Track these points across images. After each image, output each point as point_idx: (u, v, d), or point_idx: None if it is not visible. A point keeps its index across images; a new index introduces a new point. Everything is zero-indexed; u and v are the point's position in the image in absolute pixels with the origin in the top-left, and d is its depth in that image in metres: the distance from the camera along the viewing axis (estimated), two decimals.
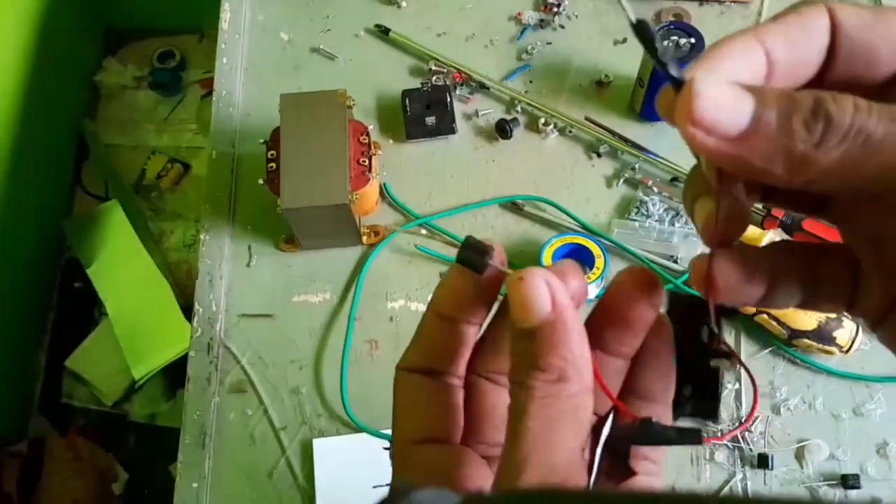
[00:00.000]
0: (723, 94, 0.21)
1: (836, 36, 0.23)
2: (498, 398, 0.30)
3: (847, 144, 0.20)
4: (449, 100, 0.83)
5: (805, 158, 0.21)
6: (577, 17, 0.89)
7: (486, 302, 0.29)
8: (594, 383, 0.25)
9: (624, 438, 0.27)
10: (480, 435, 0.30)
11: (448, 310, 0.29)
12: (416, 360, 0.29)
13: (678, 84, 0.22)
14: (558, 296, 0.25)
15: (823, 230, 0.72)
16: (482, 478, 0.29)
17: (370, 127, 0.76)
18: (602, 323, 0.28)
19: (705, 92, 0.21)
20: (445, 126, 0.83)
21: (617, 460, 0.26)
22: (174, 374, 1.41)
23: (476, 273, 0.28)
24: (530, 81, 0.86)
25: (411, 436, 0.29)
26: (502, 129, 0.82)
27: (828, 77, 0.24)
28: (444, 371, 0.29)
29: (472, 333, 0.30)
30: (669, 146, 0.81)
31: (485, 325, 0.30)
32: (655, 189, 0.79)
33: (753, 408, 0.71)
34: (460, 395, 0.30)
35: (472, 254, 0.27)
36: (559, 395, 0.24)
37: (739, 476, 0.69)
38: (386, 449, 0.73)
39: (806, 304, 0.27)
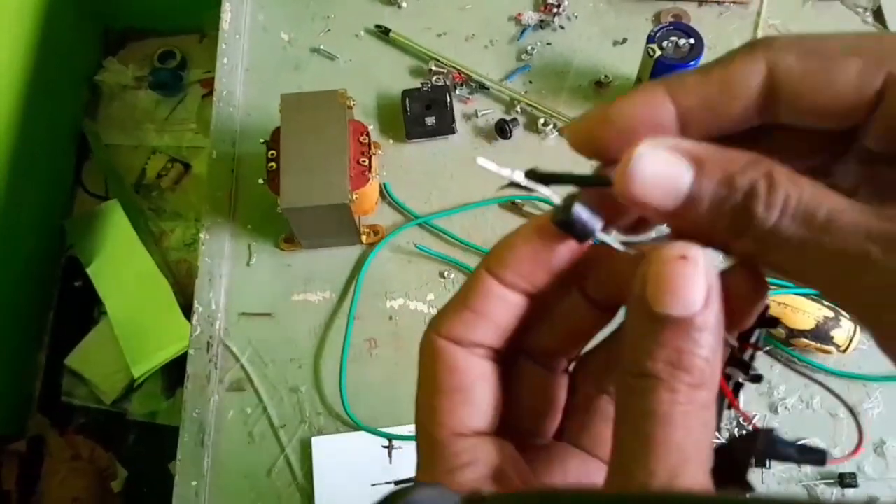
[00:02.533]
0: (661, 167, 0.21)
1: (776, 89, 0.22)
2: (543, 383, 0.27)
3: (760, 245, 0.20)
4: (449, 100, 0.83)
5: (716, 241, 0.21)
6: (576, 17, 0.89)
7: (566, 274, 0.24)
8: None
9: (743, 451, 0.23)
10: (518, 422, 0.27)
11: (519, 280, 0.24)
12: (467, 331, 0.24)
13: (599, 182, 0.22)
14: (715, 288, 0.21)
15: None
16: (535, 474, 0.26)
17: (370, 127, 0.77)
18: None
19: (641, 166, 0.21)
20: (445, 126, 0.83)
21: (734, 475, 0.22)
22: (173, 373, 1.41)
23: (576, 240, 0.23)
24: (530, 82, 0.87)
25: (454, 424, 0.24)
26: (502, 130, 0.83)
27: (772, 120, 0.22)
28: (496, 348, 0.25)
29: (531, 310, 0.25)
30: None
31: None
32: None
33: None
34: (500, 376, 0.26)
35: (587, 216, 0.22)
36: (697, 402, 0.20)
37: None
38: (385, 447, 0.74)
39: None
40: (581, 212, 0.22)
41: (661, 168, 0.21)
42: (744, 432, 0.23)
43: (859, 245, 0.19)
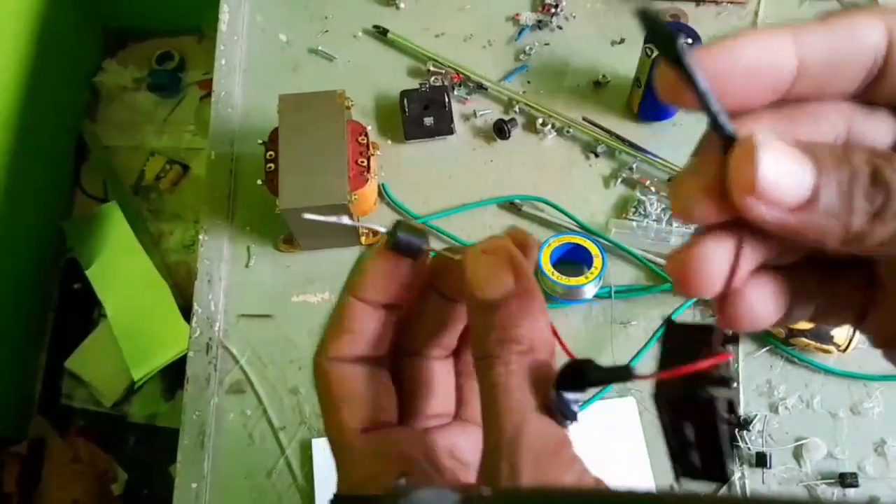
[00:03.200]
0: (784, 162, 0.19)
1: (891, 54, 0.21)
2: (424, 371, 0.31)
3: None
4: (447, 100, 0.83)
5: (862, 232, 0.19)
6: (574, 17, 0.89)
7: (417, 285, 0.29)
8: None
9: (567, 379, 0.25)
10: (414, 410, 0.31)
11: (378, 297, 0.28)
12: (346, 349, 0.28)
13: (726, 137, 0.20)
14: (523, 266, 0.25)
15: None
16: (449, 450, 0.30)
17: (368, 127, 0.76)
18: None
19: (767, 160, 0.19)
20: (444, 126, 0.83)
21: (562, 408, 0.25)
22: (173, 375, 1.41)
23: (411, 258, 0.27)
24: (528, 82, 0.87)
25: (356, 426, 0.28)
26: (500, 130, 0.82)
27: (872, 94, 0.22)
28: (377, 356, 0.29)
29: (398, 316, 0.29)
30: (666, 146, 0.81)
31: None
32: (653, 189, 0.79)
33: None
34: (388, 376, 0.30)
35: (409, 239, 0.27)
36: (531, 365, 0.24)
37: (738, 475, 0.69)
38: None
39: (815, 319, 0.25)
40: (403, 238, 0.27)
41: (787, 161, 0.19)
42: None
43: None
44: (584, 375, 0.25)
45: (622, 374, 0.25)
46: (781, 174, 0.19)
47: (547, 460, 0.22)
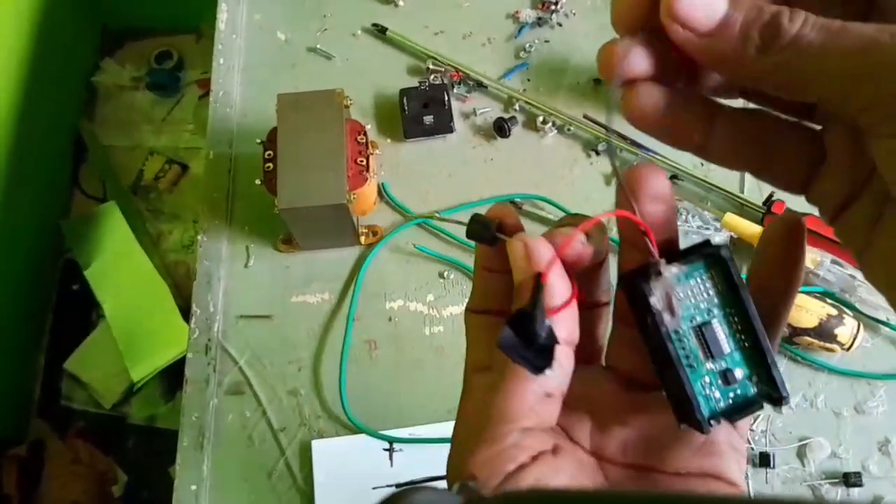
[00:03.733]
0: None
1: None
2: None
3: (785, 54, 0.23)
4: (447, 98, 0.83)
5: (744, 61, 0.24)
6: (574, 14, 0.89)
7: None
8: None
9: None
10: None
11: (487, 264, 0.31)
12: (474, 303, 0.32)
13: None
14: (536, 256, 0.27)
15: (823, 227, 0.72)
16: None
17: (368, 126, 0.76)
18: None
19: None
20: (443, 125, 0.82)
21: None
22: (173, 376, 1.41)
23: (490, 244, 0.30)
24: (528, 80, 0.86)
25: (471, 366, 0.31)
26: (500, 128, 0.82)
27: None
28: (502, 310, 0.31)
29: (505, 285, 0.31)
30: None
31: None
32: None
33: None
34: None
35: (479, 230, 0.30)
36: None
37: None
38: (386, 450, 0.73)
39: (756, 169, 0.28)
40: (470, 232, 0.30)
41: None
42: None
43: (870, 35, 0.22)
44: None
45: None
46: (697, 3, 0.24)
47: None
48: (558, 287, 0.27)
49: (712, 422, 0.27)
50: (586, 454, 0.29)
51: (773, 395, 0.27)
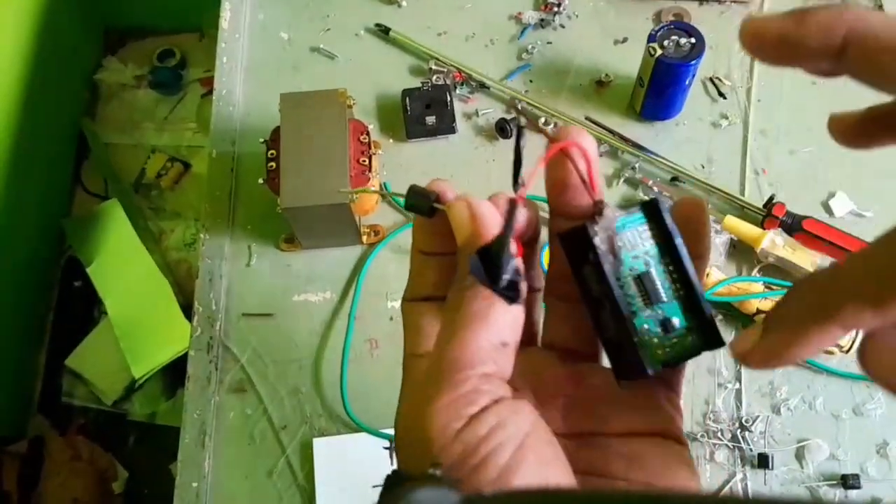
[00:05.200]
0: None
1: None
2: (569, 316, 0.33)
3: None
4: (449, 99, 0.83)
5: None
6: (577, 16, 0.89)
7: (447, 234, 0.31)
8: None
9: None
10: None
11: (423, 246, 0.32)
12: (412, 291, 0.33)
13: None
14: (482, 218, 0.29)
15: (824, 230, 0.72)
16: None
17: (370, 126, 0.76)
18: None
19: None
20: (445, 125, 0.83)
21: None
22: (174, 374, 1.41)
23: (426, 216, 0.30)
24: (530, 81, 0.86)
25: (409, 352, 0.31)
26: (502, 129, 0.82)
27: None
28: (438, 296, 0.32)
29: (450, 260, 0.32)
30: (669, 146, 0.81)
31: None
32: (655, 188, 0.79)
33: None
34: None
35: (418, 201, 0.31)
36: (473, 296, 0.27)
37: (739, 476, 0.69)
38: (386, 448, 0.73)
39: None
40: (410, 202, 0.31)
41: None
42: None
43: None
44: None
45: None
46: None
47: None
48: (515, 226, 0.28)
49: (654, 368, 0.27)
50: None
51: (712, 340, 0.28)
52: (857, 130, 0.28)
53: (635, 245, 0.28)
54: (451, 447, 0.24)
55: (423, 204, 0.30)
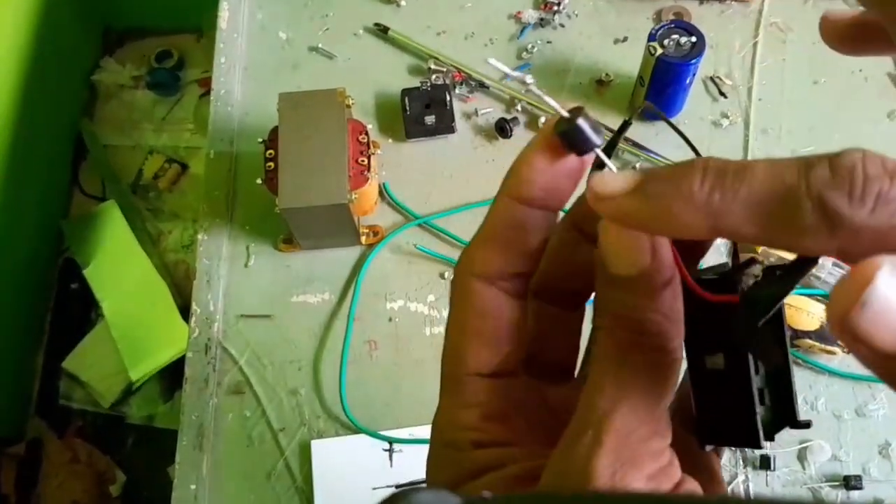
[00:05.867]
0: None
1: None
2: (566, 322, 0.28)
3: None
4: (448, 99, 0.83)
5: None
6: (577, 15, 0.89)
7: (573, 187, 0.25)
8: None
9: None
10: (538, 356, 0.28)
11: (533, 192, 0.24)
12: (494, 260, 0.25)
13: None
14: (660, 245, 0.22)
15: None
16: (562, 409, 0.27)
17: (369, 126, 0.76)
18: None
19: (877, 299, 0.17)
20: (445, 125, 0.82)
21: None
22: (172, 376, 1.40)
23: (575, 152, 0.24)
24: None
25: (476, 367, 0.25)
26: (502, 129, 0.82)
27: None
28: (527, 272, 0.25)
29: (548, 231, 0.26)
30: (670, 145, 0.80)
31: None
32: None
33: None
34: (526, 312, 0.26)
35: (586, 131, 0.23)
36: (653, 350, 0.22)
37: (741, 477, 0.69)
38: (386, 450, 0.73)
39: None
40: (584, 124, 0.23)
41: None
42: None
43: None
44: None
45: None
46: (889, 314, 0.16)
47: (630, 450, 0.21)
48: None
49: (766, 440, 0.25)
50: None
51: (797, 420, 0.25)
52: (845, 34, 0.27)
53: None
54: None
55: (580, 143, 0.23)
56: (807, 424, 0.25)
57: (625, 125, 0.26)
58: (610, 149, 0.24)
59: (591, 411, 0.22)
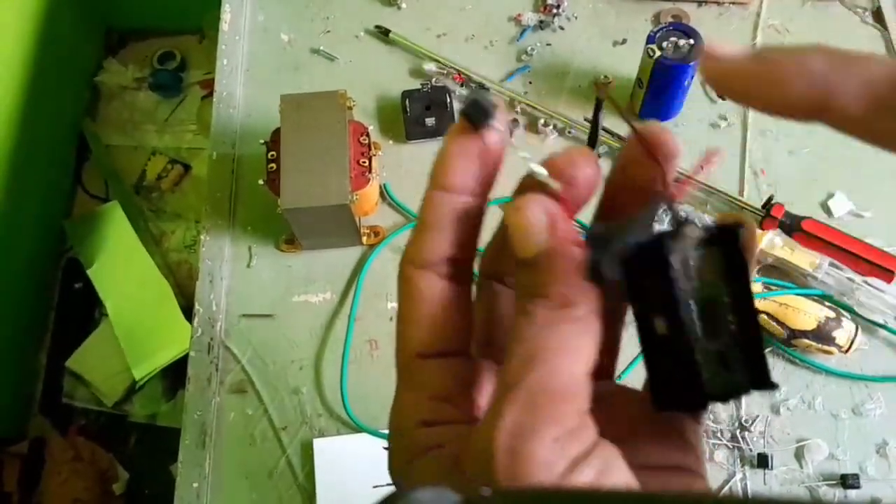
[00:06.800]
0: None
1: None
2: (510, 303, 0.28)
3: None
4: (449, 100, 0.83)
5: None
6: (576, 18, 0.89)
7: (490, 168, 0.26)
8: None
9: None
10: (494, 340, 0.28)
11: (451, 179, 0.25)
12: (425, 248, 0.26)
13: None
14: (559, 224, 0.23)
15: (823, 230, 0.73)
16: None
17: (370, 127, 0.76)
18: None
19: None
20: (445, 127, 0.83)
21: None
22: (174, 375, 1.41)
23: (473, 126, 0.25)
24: (530, 82, 0.86)
25: (418, 348, 0.26)
26: None
27: None
28: (459, 257, 0.26)
29: (478, 213, 0.27)
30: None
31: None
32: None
33: None
34: (471, 295, 0.27)
35: (476, 110, 0.25)
36: (563, 319, 0.23)
37: (739, 476, 0.69)
38: (387, 448, 0.73)
39: None
40: (481, 99, 0.25)
41: None
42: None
43: None
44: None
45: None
46: None
47: (531, 417, 0.22)
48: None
49: (710, 401, 0.25)
50: None
51: (761, 381, 0.26)
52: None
53: (705, 270, 0.25)
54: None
55: (478, 116, 0.25)
56: (773, 385, 0.25)
57: (599, 105, 0.27)
58: (595, 130, 0.25)
59: (499, 387, 0.23)
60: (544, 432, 0.21)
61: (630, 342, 0.27)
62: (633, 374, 0.63)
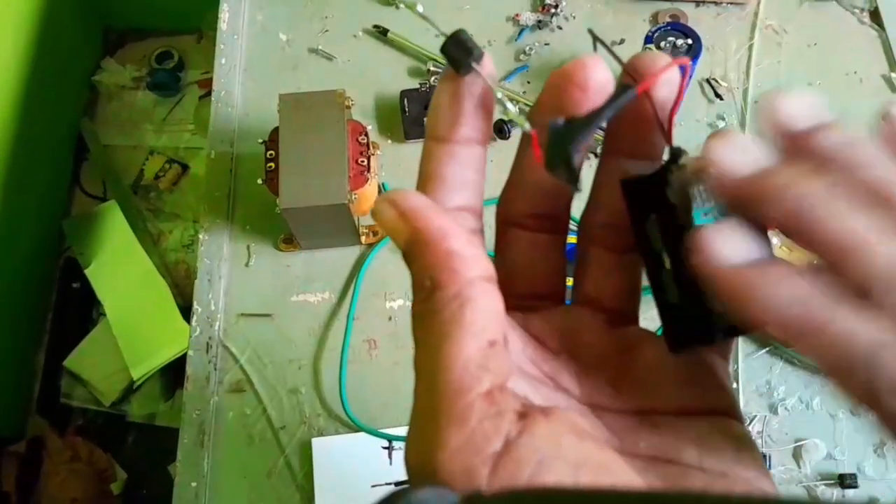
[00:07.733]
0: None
1: None
2: (535, 245, 0.29)
3: None
4: None
5: None
6: (574, 18, 0.89)
7: (477, 108, 0.26)
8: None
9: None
10: (517, 288, 0.28)
11: (443, 128, 0.26)
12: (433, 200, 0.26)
13: None
14: (420, 213, 0.24)
15: None
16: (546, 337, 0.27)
17: (369, 127, 0.76)
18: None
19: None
20: None
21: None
22: (173, 374, 1.41)
23: (454, 64, 0.25)
24: (528, 82, 0.87)
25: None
26: (500, 130, 0.82)
27: None
28: (463, 206, 0.27)
29: (477, 157, 0.27)
30: None
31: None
32: None
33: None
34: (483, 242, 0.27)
35: (457, 49, 0.25)
36: (436, 307, 0.23)
37: None
38: (385, 448, 0.73)
39: None
40: (458, 39, 0.25)
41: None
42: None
43: None
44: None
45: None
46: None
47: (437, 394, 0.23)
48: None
49: (723, 335, 0.24)
50: (579, 404, 0.25)
51: None
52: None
53: (706, 200, 0.24)
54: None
55: (460, 57, 0.24)
56: None
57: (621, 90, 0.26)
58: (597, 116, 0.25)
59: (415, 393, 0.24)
60: (445, 442, 0.22)
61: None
62: None
